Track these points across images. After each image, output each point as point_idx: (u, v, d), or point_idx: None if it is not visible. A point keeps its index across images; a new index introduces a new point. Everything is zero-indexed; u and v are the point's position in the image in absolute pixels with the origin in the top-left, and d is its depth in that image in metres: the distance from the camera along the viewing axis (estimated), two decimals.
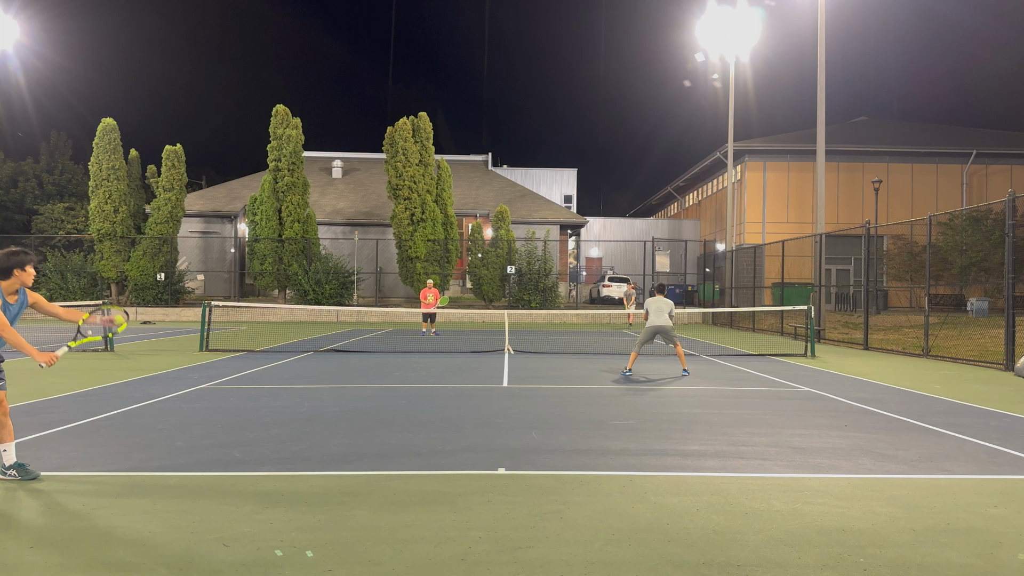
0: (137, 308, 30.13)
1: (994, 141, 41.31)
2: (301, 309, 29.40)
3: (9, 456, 5.14)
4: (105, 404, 8.35)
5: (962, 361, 14.42)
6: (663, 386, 10.44)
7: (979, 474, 5.59)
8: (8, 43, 29.57)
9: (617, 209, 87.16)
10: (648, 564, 3.70)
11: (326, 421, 7.46)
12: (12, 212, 47.96)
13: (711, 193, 46.75)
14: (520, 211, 37.35)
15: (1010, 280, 12.90)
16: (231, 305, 24.18)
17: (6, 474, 5.13)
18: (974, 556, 3.85)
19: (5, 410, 5.11)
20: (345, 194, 40.14)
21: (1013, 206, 13.14)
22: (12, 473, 5.12)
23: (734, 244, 31.89)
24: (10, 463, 5.14)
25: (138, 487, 5.02)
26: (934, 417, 8.03)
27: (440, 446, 6.34)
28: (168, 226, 31.23)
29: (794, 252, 26.64)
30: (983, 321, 23.66)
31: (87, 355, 14.19)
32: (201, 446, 6.28)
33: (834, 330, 21.85)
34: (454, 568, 3.63)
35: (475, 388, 10.02)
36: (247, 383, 10.35)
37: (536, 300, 31.66)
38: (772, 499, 4.83)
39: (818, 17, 20.75)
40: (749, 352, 16.19)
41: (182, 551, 3.82)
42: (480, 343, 17.90)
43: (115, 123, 30.98)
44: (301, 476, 5.34)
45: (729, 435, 6.93)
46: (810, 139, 34.62)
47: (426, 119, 32.50)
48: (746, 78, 32.87)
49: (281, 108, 31.66)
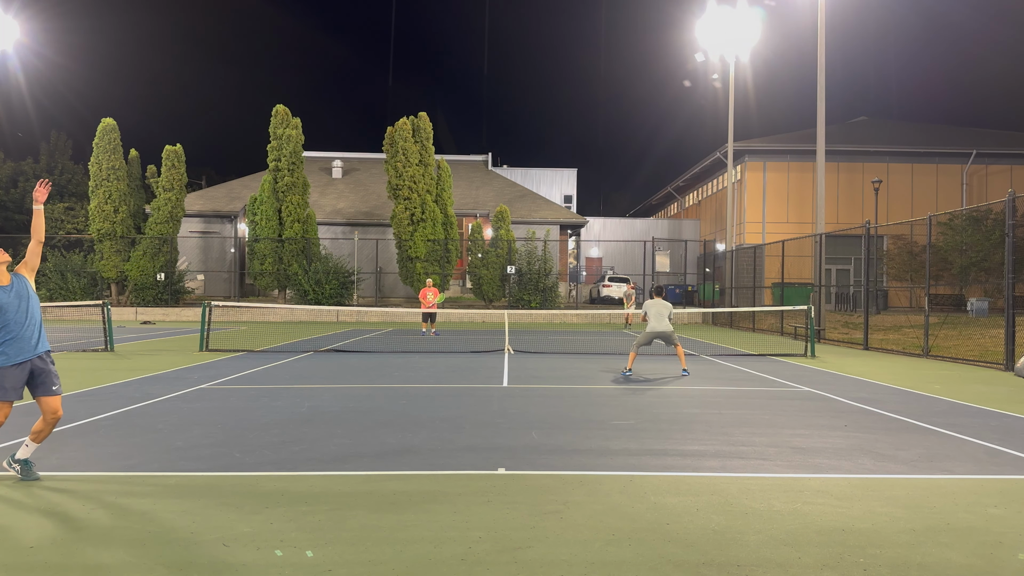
0: (137, 308, 30.14)
1: (994, 141, 41.31)
2: (301, 309, 29.40)
3: (24, 451, 5.17)
4: (105, 404, 8.35)
5: (962, 361, 14.42)
6: (663, 386, 10.44)
7: (979, 474, 5.59)
8: (8, 43, 29.56)
9: (617, 209, 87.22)
10: (648, 564, 3.70)
11: (326, 421, 7.46)
12: (12, 212, 47.95)
13: (711, 193, 46.74)
14: (520, 211, 37.35)
15: (1010, 280, 12.90)
16: (231, 305, 24.18)
17: (11, 466, 5.15)
18: (974, 556, 3.85)
19: (55, 420, 5.20)
20: (345, 194, 40.13)
21: (1013, 206, 13.14)
22: (15, 467, 5.14)
23: (734, 244, 31.88)
24: (21, 457, 5.16)
25: (138, 487, 5.02)
26: (934, 417, 8.03)
27: (440, 446, 6.34)
28: (168, 226, 31.22)
29: (794, 252, 26.63)
30: (983, 321, 23.66)
31: (87, 355, 14.19)
32: (201, 446, 6.28)
33: (834, 330, 21.85)
34: (454, 568, 3.63)
35: (475, 388, 10.02)
36: (247, 383, 10.35)
37: (536, 300, 31.66)
38: (772, 499, 4.82)
39: (818, 17, 20.75)
40: (749, 352, 16.19)
41: (182, 551, 3.82)
42: (480, 343, 17.90)
43: (115, 123, 30.97)
44: (301, 476, 5.34)
45: (729, 435, 6.93)
46: (810, 139, 34.61)
47: (426, 119, 32.50)
48: (746, 78, 32.89)
49: (281, 108, 31.66)
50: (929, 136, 42.47)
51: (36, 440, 5.18)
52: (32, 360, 5.09)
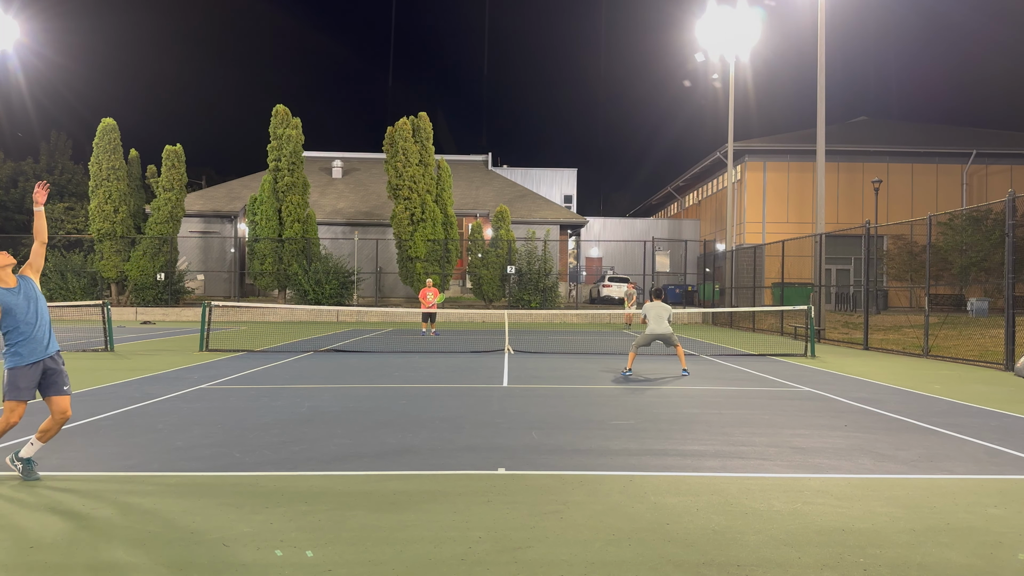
0: (137, 308, 30.14)
1: (994, 141, 41.31)
2: (301, 309, 29.40)
3: (28, 450, 5.18)
4: (105, 404, 8.35)
5: (962, 361, 14.42)
6: (663, 386, 10.44)
7: (979, 474, 5.59)
8: (8, 43, 29.55)
9: (617, 209, 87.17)
10: (648, 564, 3.70)
11: (326, 421, 7.46)
12: (12, 212, 47.97)
13: (711, 193, 46.74)
14: (520, 211, 37.34)
15: (1010, 280, 12.89)
16: (231, 305, 24.17)
17: (13, 464, 5.16)
18: (974, 556, 3.85)
19: (64, 419, 5.20)
20: (345, 194, 40.13)
21: (1013, 206, 13.13)
22: (18, 465, 5.15)
23: (734, 244, 31.88)
24: (25, 455, 5.17)
25: (138, 487, 5.02)
26: (934, 417, 8.03)
27: (440, 446, 6.34)
28: (168, 226, 31.22)
29: (794, 252, 26.63)
30: (983, 321, 23.66)
31: (87, 355, 14.19)
32: (201, 446, 6.28)
33: (834, 330, 21.85)
34: (454, 568, 3.63)
35: (475, 388, 10.02)
36: (247, 383, 10.35)
37: (536, 300, 31.66)
38: (772, 499, 4.82)
39: (818, 17, 20.75)
40: (749, 352, 16.19)
41: (182, 551, 3.82)
42: (480, 343, 17.90)
43: (115, 123, 30.96)
44: (301, 476, 5.34)
45: (729, 435, 6.93)
46: (810, 139, 34.61)
47: (426, 119, 32.50)
48: (746, 78, 32.89)
49: (281, 108, 31.66)
50: (929, 136, 42.47)
51: (42, 439, 5.20)
52: (44, 360, 5.14)
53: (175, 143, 31.66)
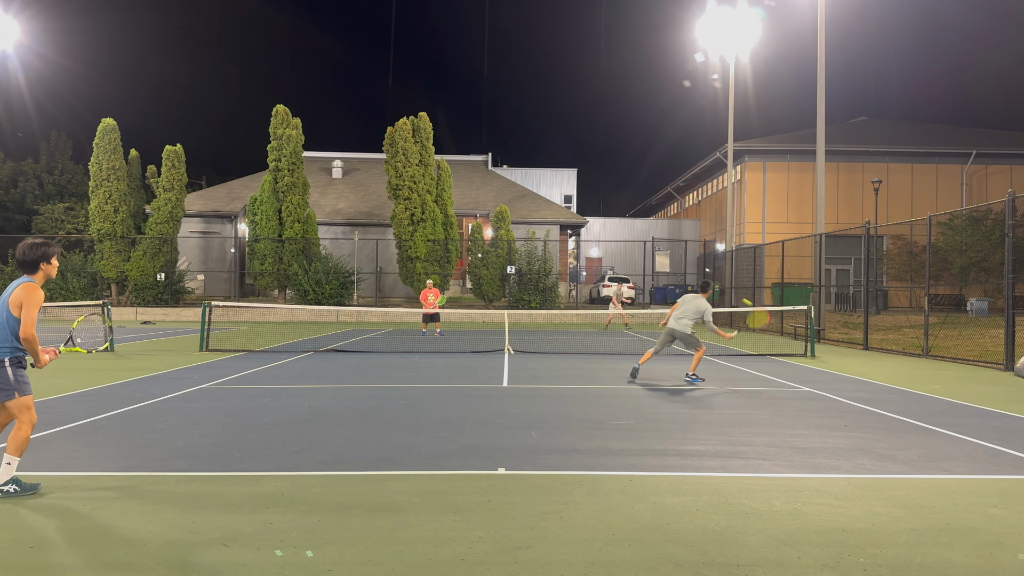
0: (137, 308, 30.14)
1: (994, 141, 41.32)
2: (301, 309, 29.40)
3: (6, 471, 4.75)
4: (105, 404, 8.35)
5: (962, 361, 14.42)
6: (663, 386, 10.44)
7: (979, 474, 5.59)
8: (8, 43, 29.55)
9: (617, 209, 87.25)
10: (648, 564, 3.70)
11: (326, 421, 7.46)
12: (12, 212, 47.95)
13: (711, 193, 46.74)
14: (520, 211, 37.35)
15: (1010, 280, 12.89)
16: (231, 305, 24.16)
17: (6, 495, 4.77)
18: (974, 556, 3.85)
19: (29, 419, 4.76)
20: (345, 194, 40.14)
21: (1013, 206, 13.13)
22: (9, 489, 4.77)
23: (734, 244, 31.89)
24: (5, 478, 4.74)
25: (138, 487, 5.02)
26: (934, 417, 8.03)
27: (440, 446, 6.34)
28: (168, 226, 31.23)
29: (794, 252, 26.64)
30: (983, 321, 23.66)
31: (87, 355, 14.17)
32: (201, 446, 6.28)
33: (834, 330, 21.85)
34: (454, 568, 3.63)
35: (475, 388, 10.02)
36: (247, 383, 10.35)
37: (536, 300, 31.66)
38: (772, 499, 4.82)
39: (818, 17, 20.74)
40: (749, 352, 16.19)
41: (182, 551, 3.82)
42: (480, 343, 17.90)
43: (115, 123, 30.98)
44: (301, 476, 5.34)
45: (729, 435, 6.93)
46: (810, 139, 34.60)
47: (426, 119, 32.51)
48: (746, 78, 32.87)
49: (281, 108, 31.66)
50: (929, 136, 42.47)
51: (17, 452, 4.73)
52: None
53: (175, 143, 31.71)
